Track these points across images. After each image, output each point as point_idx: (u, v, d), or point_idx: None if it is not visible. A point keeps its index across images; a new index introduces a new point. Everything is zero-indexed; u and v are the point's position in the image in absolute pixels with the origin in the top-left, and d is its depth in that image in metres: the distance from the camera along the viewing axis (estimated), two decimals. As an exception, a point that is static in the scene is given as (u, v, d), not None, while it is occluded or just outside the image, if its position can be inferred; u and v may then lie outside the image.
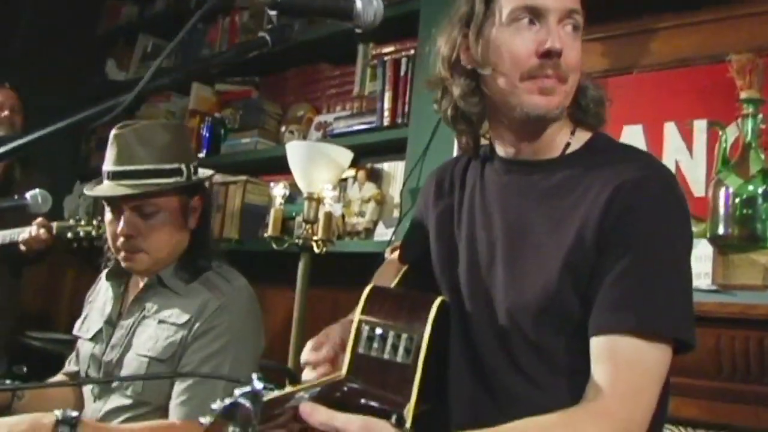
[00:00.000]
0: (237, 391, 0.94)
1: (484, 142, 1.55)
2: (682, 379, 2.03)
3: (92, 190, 2.02)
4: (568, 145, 1.44)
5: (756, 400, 2.04)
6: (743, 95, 2.23)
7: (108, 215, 2.03)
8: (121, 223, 1.98)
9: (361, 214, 3.18)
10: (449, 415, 1.45)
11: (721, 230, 2.16)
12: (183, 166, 2.00)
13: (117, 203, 1.99)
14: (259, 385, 0.95)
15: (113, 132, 1.99)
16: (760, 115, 2.23)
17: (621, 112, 1.46)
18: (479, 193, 1.51)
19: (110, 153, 1.99)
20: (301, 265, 2.87)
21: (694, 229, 2.16)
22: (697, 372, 2.06)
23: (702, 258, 2.11)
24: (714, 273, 2.12)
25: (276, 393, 1.15)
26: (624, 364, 1.24)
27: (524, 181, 1.44)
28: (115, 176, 1.97)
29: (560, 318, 1.33)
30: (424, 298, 1.37)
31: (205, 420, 0.93)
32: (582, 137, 1.45)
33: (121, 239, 1.98)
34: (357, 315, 1.35)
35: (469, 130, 1.50)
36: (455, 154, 2.46)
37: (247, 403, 0.93)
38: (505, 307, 1.39)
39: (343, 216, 3.21)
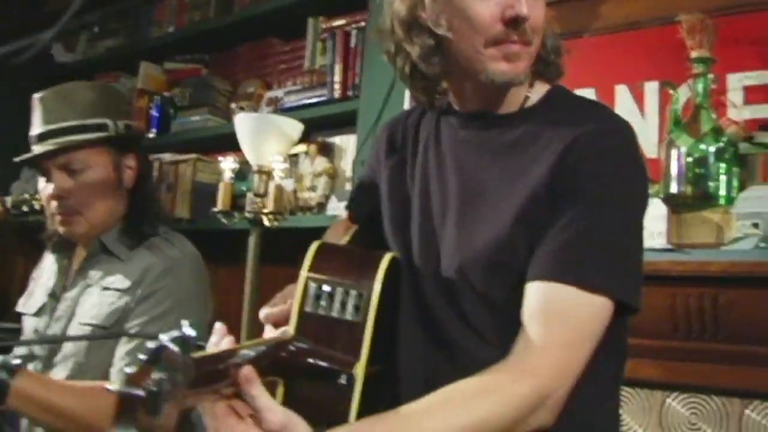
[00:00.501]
0: (164, 336, 0.88)
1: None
2: (639, 340, 2.00)
3: (19, 158, 1.98)
4: (526, 98, 1.39)
5: (712, 358, 2.04)
6: (694, 55, 2.22)
7: (41, 183, 1.99)
8: (52, 185, 1.93)
9: (313, 188, 3.14)
10: (400, 379, 1.40)
11: (674, 190, 2.16)
12: (109, 122, 1.96)
13: (44, 165, 1.95)
14: (190, 331, 0.89)
15: (36, 96, 1.96)
16: (711, 75, 2.23)
17: (572, 75, 1.43)
18: (434, 147, 1.46)
19: (35, 117, 1.97)
20: (251, 240, 2.82)
21: (651, 191, 2.16)
22: (653, 332, 2.05)
23: (656, 218, 2.10)
24: (668, 232, 2.11)
25: (216, 349, 1.10)
26: (557, 316, 1.19)
27: (481, 137, 1.39)
28: (40, 138, 1.94)
29: (511, 272, 1.28)
30: (374, 254, 1.33)
31: (130, 369, 0.87)
32: (540, 90, 1.40)
33: (54, 203, 1.93)
34: (303, 272, 1.30)
35: (427, 86, 1.44)
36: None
37: (175, 348, 0.87)
38: (456, 261, 1.34)
39: (295, 191, 3.15)
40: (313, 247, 1.34)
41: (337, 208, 2.96)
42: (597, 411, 1.35)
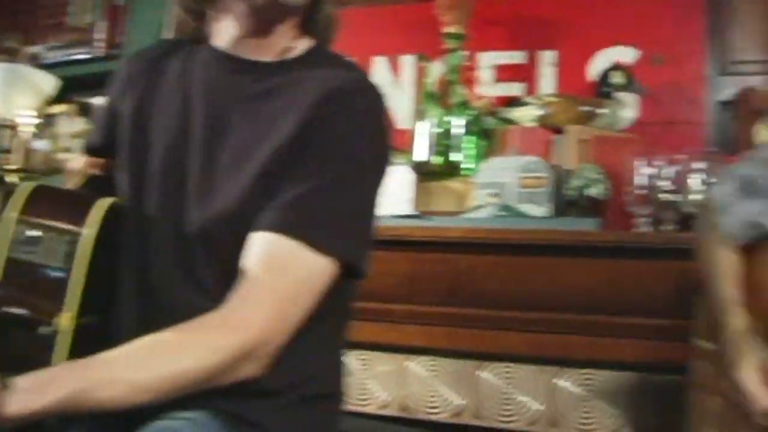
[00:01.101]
0: None
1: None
2: (381, 304, 2.07)
3: None
4: (287, 50, 1.36)
5: (450, 321, 2.11)
6: (447, 30, 2.30)
7: None
8: None
9: (70, 149, 2.99)
10: (116, 331, 1.33)
11: (421, 159, 2.22)
12: None
13: None
14: None
15: None
16: (464, 52, 2.32)
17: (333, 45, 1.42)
18: (183, 83, 1.35)
19: None
20: (-6, 198, 2.65)
21: (398, 159, 2.22)
22: (394, 296, 2.09)
23: (404, 185, 2.15)
24: (415, 200, 2.17)
25: None
26: (277, 269, 1.17)
27: (234, 80, 1.32)
28: None
29: (249, 225, 1.21)
30: (92, 198, 1.24)
31: None
32: (304, 46, 1.37)
33: None
34: (12, 213, 1.20)
35: (195, 10, 1.35)
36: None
37: None
38: (194, 214, 1.27)
39: (49, 151, 3.00)
40: (25, 188, 1.24)
41: (94, 170, 2.85)
42: (317, 367, 1.34)
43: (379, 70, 2.51)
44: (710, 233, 1.58)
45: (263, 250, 1.19)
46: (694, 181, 2.00)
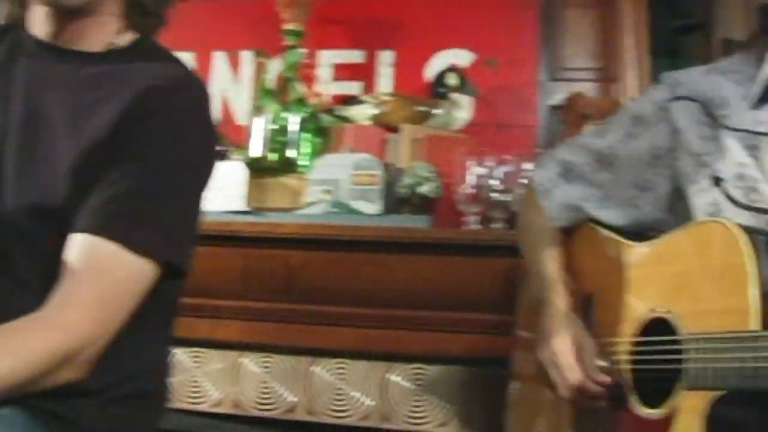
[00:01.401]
0: None
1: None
2: (214, 300, 2.06)
3: None
4: (110, 42, 1.30)
5: (283, 317, 2.11)
6: (287, 27, 2.30)
7: None
8: None
9: None
10: None
11: (256, 155, 2.22)
12: None
13: None
14: None
15: None
16: (302, 49, 2.33)
17: (172, 38, 1.39)
18: (7, 71, 1.32)
19: None
20: None
21: (236, 155, 2.21)
22: (228, 293, 2.08)
23: (237, 182, 2.14)
24: (248, 196, 2.16)
25: None
26: (95, 272, 1.15)
27: (53, 69, 1.29)
28: None
29: (67, 224, 1.20)
30: None
31: None
32: (129, 38, 1.33)
33: None
34: None
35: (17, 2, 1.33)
36: None
37: None
38: (10, 205, 1.24)
39: None
40: None
41: None
42: (138, 365, 1.32)
43: (218, 65, 2.50)
44: (533, 215, 1.63)
45: (83, 252, 1.17)
46: (524, 181, 2.06)
